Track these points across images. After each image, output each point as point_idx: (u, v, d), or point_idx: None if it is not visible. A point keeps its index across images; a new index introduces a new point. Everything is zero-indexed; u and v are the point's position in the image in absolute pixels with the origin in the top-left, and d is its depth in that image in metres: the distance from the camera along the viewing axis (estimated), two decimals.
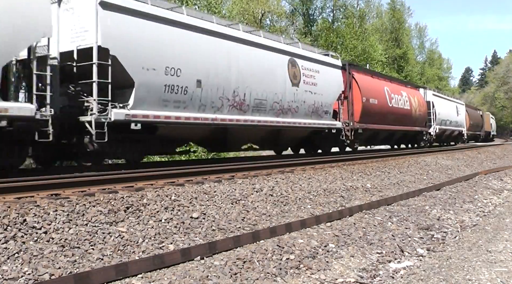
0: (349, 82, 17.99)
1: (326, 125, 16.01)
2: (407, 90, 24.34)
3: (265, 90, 12.91)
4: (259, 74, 12.68)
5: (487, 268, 4.86)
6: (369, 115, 18.67)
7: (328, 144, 17.16)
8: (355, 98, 18.07)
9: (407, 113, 23.06)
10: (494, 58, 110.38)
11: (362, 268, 5.40)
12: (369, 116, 18.67)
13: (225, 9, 31.33)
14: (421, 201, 9.56)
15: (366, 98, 18.59)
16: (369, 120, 18.74)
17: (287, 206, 7.40)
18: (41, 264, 4.07)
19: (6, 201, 5.21)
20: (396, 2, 57.58)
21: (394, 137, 23.65)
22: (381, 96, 20.18)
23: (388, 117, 20.62)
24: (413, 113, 23.85)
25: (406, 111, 23.01)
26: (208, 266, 4.60)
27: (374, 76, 21.65)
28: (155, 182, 7.41)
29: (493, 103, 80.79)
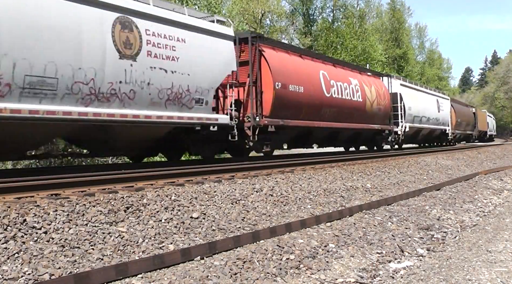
0: (258, 62, 12.98)
1: (198, 121, 10.90)
2: (360, 78, 18.84)
3: (55, 62, 8.12)
4: (40, 36, 7.94)
5: (487, 268, 4.86)
6: (287, 107, 13.63)
7: (209, 146, 12.15)
8: (264, 83, 12.99)
9: (358, 107, 17.91)
10: (494, 58, 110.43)
11: (362, 268, 5.40)
12: (288, 109, 13.67)
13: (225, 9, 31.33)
14: (421, 201, 9.56)
15: (281, 84, 13.33)
16: (288, 115, 13.73)
17: (287, 206, 7.40)
18: (41, 264, 4.07)
19: (6, 201, 5.21)
20: (396, 2, 57.70)
21: (339, 138, 18.32)
22: (311, 83, 14.86)
23: (325, 111, 15.65)
24: (368, 107, 18.67)
25: (357, 104, 17.82)
26: (208, 266, 4.60)
27: (303, 55, 15.80)
28: (155, 182, 7.41)
29: (493, 103, 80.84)
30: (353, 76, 18.31)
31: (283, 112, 13.48)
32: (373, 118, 19.37)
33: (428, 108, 26.92)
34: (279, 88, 13.20)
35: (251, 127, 12.44)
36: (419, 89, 27.15)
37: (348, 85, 17.26)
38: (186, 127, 10.94)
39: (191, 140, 11.51)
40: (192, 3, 24.34)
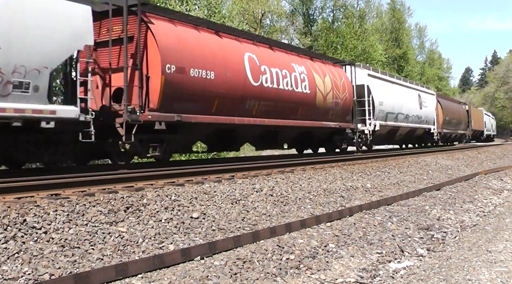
0: (143, 37, 9.77)
1: (17, 114, 7.53)
2: (309, 65, 15.19)
3: None
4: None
5: (487, 268, 4.86)
6: (188, 99, 10.32)
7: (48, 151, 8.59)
8: (151, 66, 9.74)
9: (305, 100, 14.42)
10: (494, 58, 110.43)
11: (362, 268, 5.40)
12: (191, 101, 10.39)
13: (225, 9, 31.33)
14: (421, 201, 9.56)
15: (176, 67, 9.90)
16: (191, 109, 10.39)
17: (287, 206, 7.40)
18: (41, 264, 4.07)
19: (6, 201, 5.21)
20: (396, 2, 57.67)
21: (280, 138, 14.87)
22: (229, 68, 11.39)
23: (251, 104, 12.24)
24: (320, 100, 15.15)
25: (304, 97, 14.31)
26: (208, 266, 4.60)
27: (221, 33, 11.96)
28: (155, 182, 7.41)
29: (493, 103, 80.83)
30: (299, 63, 14.66)
31: (182, 105, 10.14)
32: (328, 115, 15.81)
33: (406, 104, 23.24)
34: (172, 72, 9.76)
35: (123, 124, 9.11)
36: (394, 82, 23.17)
37: (289, 73, 13.65)
38: None
39: (13, 142, 8.08)
40: (192, 3, 24.33)
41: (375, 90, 19.67)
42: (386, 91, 21.06)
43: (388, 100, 20.97)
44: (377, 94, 19.71)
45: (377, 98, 19.72)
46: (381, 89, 20.47)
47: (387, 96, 20.92)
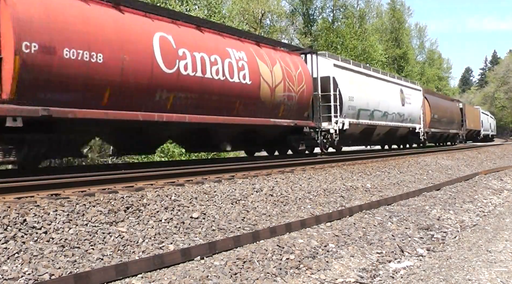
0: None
1: None
2: (253, 51, 12.58)
3: None
4: None
5: (487, 268, 4.86)
6: (63, 87, 8.01)
7: None
8: (3, 44, 7.43)
9: (246, 92, 11.88)
10: (494, 58, 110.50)
11: (362, 268, 5.40)
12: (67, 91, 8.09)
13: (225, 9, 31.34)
14: (421, 201, 9.57)
15: (40, 45, 7.61)
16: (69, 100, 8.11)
17: (287, 206, 7.40)
18: (41, 264, 4.07)
19: (6, 201, 5.21)
20: (396, 2, 57.70)
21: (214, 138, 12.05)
22: (128, 50, 8.99)
23: (164, 97, 9.77)
24: (265, 93, 12.59)
25: (243, 88, 11.75)
26: (208, 266, 4.61)
27: (122, 7, 9.46)
28: (155, 182, 7.41)
29: (493, 103, 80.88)
30: (238, 48, 12.00)
31: (52, 95, 7.87)
32: (278, 111, 13.25)
33: (385, 100, 20.53)
34: (34, 52, 7.50)
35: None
36: (370, 75, 19.97)
37: (221, 59, 11.06)
38: None
39: None
40: (192, 3, 24.34)
41: (344, 83, 17.08)
42: (358, 85, 18.30)
43: (360, 95, 18.19)
44: (346, 88, 17.10)
45: (346, 92, 17.07)
46: (351, 82, 17.73)
47: (359, 90, 18.17)
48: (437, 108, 28.86)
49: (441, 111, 29.51)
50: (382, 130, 21.06)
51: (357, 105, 18.06)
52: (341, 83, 16.98)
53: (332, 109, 16.42)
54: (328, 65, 16.71)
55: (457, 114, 34.78)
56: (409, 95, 23.95)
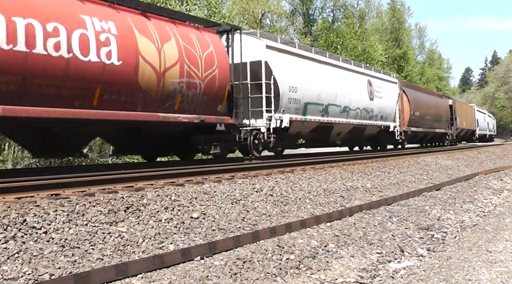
0: None
1: None
2: (130, 21, 9.35)
3: None
4: None
5: (487, 268, 4.86)
6: None
7: None
8: None
9: (113, 77, 8.79)
10: (494, 58, 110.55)
11: (362, 268, 5.40)
12: None
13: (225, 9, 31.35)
14: (421, 201, 9.57)
15: None
16: None
17: (287, 206, 7.40)
18: (41, 264, 4.07)
19: (6, 201, 5.21)
20: (396, 2, 57.76)
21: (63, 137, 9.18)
22: None
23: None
24: (150, 80, 9.45)
25: (108, 71, 8.67)
26: (208, 266, 4.61)
27: None
28: (155, 182, 7.41)
29: (493, 103, 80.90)
30: (105, 16, 8.87)
31: None
32: (172, 103, 9.99)
33: (345, 92, 17.07)
34: None
35: None
36: (323, 61, 16.12)
37: (67, 29, 8.01)
38: None
39: None
40: (192, 3, 24.35)
41: (282, 70, 13.56)
42: (304, 72, 14.68)
43: (308, 86, 14.71)
44: (285, 76, 13.60)
45: (286, 81, 13.59)
46: (294, 69, 14.14)
47: (306, 80, 14.65)
48: (419, 104, 25.00)
49: (423, 107, 25.65)
50: (342, 128, 17.71)
51: (302, 98, 14.41)
52: (278, 70, 13.39)
53: (264, 103, 13.02)
54: (259, 47, 13.25)
55: (446, 111, 30.85)
56: (379, 88, 20.21)
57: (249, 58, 12.95)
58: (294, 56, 14.57)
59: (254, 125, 13.05)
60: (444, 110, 30.43)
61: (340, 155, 16.84)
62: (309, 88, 14.86)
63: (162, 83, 9.70)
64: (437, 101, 29.99)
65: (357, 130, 19.02)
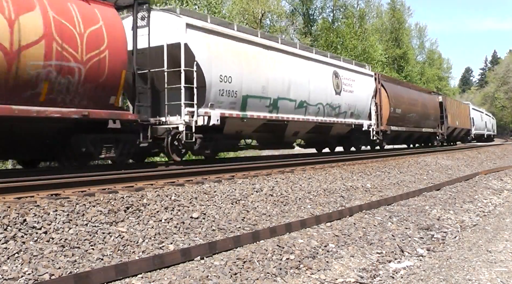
0: None
1: None
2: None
3: None
4: None
5: (487, 268, 4.86)
6: None
7: None
8: None
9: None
10: (494, 58, 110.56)
11: (362, 268, 5.40)
12: None
13: (225, 9, 31.35)
14: (421, 201, 9.56)
15: None
16: None
17: (287, 206, 7.40)
18: (41, 264, 4.07)
19: (6, 201, 5.21)
20: (396, 2, 57.75)
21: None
22: None
23: None
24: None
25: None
26: (208, 266, 4.61)
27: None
28: (155, 182, 7.42)
29: (493, 103, 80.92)
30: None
31: None
32: (34, 93, 7.85)
33: (302, 84, 14.32)
34: None
35: None
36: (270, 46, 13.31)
37: None
38: None
39: None
40: (192, 3, 24.35)
41: (210, 56, 10.95)
42: (244, 59, 12.01)
43: (249, 75, 12.06)
44: (215, 63, 11.02)
45: (216, 69, 11.00)
46: (228, 55, 11.50)
47: (246, 68, 11.96)
48: (400, 100, 22.19)
49: (406, 104, 22.85)
50: (300, 127, 15.05)
51: (240, 90, 11.81)
52: (204, 55, 10.82)
53: (182, 95, 10.66)
54: (178, 26, 10.69)
55: (434, 109, 27.82)
56: (349, 80, 17.50)
57: (167, 40, 10.75)
58: (229, 39, 11.78)
59: (173, 123, 10.82)
60: (432, 107, 27.56)
61: (340, 155, 16.85)
62: (250, 79, 12.20)
63: (16, 66, 7.48)
64: (424, 97, 26.90)
65: (321, 129, 16.35)
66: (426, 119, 26.08)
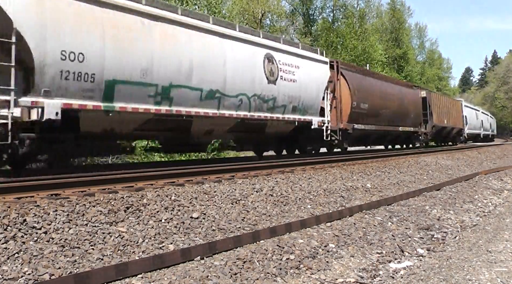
0: None
1: None
2: None
3: None
4: None
5: (487, 268, 4.86)
6: None
7: None
8: None
9: None
10: (494, 58, 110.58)
11: (362, 268, 5.40)
12: None
13: (225, 9, 31.34)
14: (421, 201, 9.56)
15: None
16: None
17: (287, 206, 7.40)
18: (41, 264, 4.07)
19: (6, 201, 5.21)
20: (396, 2, 57.79)
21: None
22: None
23: None
24: None
25: None
26: (208, 266, 4.60)
27: None
28: (155, 182, 7.42)
29: (493, 103, 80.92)
30: None
31: None
32: None
33: (214, 69, 11.15)
34: None
35: None
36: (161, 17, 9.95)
37: None
38: None
39: None
40: (192, 3, 24.35)
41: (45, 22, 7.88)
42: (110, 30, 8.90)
43: (119, 52, 9.00)
44: (53, 33, 7.97)
45: (54, 42, 7.96)
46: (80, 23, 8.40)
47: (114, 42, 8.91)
48: (367, 93, 18.65)
49: (376, 98, 19.31)
50: (214, 125, 11.78)
51: (101, 73, 8.74)
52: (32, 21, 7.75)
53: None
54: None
55: (415, 105, 24.16)
56: (291, 67, 14.02)
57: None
58: (81, 2, 8.53)
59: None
60: (413, 103, 23.73)
61: (340, 155, 16.84)
62: (120, 58, 9.07)
63: None
64: (403, 92, 23.05)
65: (250, 127, 13.08)
66: (404, 117, 22.45)
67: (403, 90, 23.70)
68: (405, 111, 22.77)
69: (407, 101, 23.26)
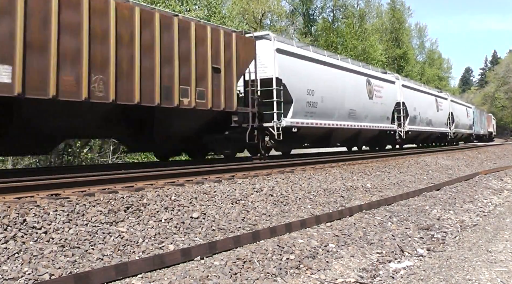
0: None
1: None
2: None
3: None
4: None
5: (487, 268, 4.86)
6: None
7: None
8: None
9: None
10: (494, 58, 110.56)
11: (362, 268, 5.40)
12: None
13: (225, 9, 31.33)
14: (421, 201, 9.56)
15: None
16: None
17: (287, 206, 7.40)
18: (41, 264, 4.07)
19: (6, 201, 5.21)
20: (396, 2, 57.75)
21: None
22: None
23: None
24: None
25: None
26: (208, 266, 4.60)
27: None
28: (155, 182, 7.41)
29: (493, 103, 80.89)
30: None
31: None
32: None
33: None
34: None
35: None
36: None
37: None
38: None
39: None
40: (192, 3, 24.34)
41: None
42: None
43: None
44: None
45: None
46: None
47: None
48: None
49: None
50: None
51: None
52: None
53: None
54: None
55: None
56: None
57: None
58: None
59: None
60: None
61: (340, 155, 16.84)
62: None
63: None
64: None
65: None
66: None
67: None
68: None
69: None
